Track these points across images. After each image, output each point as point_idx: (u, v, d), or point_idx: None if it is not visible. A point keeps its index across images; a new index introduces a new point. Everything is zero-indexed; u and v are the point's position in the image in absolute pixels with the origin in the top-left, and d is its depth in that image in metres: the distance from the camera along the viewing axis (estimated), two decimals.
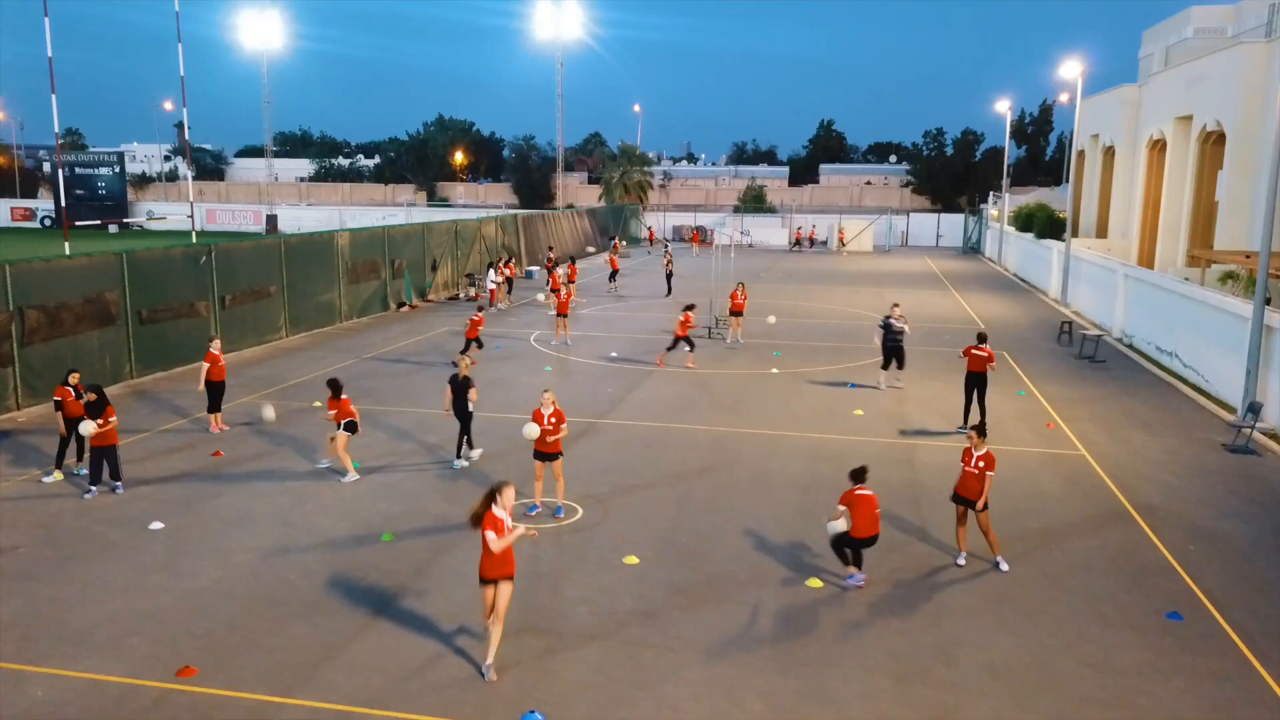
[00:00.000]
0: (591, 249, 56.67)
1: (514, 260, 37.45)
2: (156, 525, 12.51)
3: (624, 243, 59.62)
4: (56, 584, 10.73)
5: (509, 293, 35.70)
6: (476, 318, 23.79)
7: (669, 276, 39.00)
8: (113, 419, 13.62)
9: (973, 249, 67.57)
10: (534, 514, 13.12)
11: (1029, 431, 17.94)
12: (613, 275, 41.19)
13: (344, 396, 14.71)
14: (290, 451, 16.06)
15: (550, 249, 33.03)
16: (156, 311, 21.87)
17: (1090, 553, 12.08)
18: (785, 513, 13.35)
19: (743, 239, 70.53)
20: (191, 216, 39.94)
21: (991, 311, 34.51)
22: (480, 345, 23.79)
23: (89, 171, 79.03)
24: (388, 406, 19.19)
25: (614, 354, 25.15)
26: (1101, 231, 45.05)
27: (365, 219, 79.29)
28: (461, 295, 36.80)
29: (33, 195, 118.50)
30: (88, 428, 13.32)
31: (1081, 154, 48.16)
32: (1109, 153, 43.75)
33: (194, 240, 35.01)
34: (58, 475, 14.44)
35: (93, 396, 13.65)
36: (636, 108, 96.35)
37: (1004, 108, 58.74)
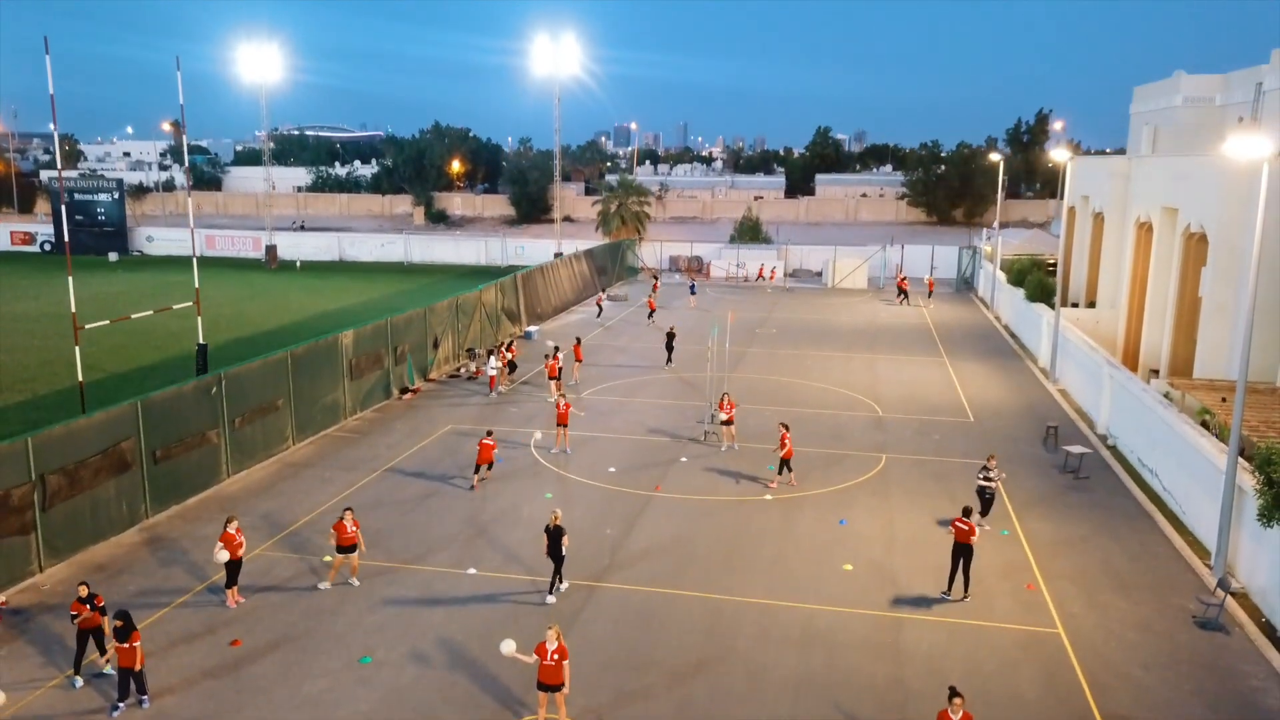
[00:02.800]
0: (608, 294, 57.06)
1: (512, 344, 38.08)
2: None
3: (660, 281, 61.07)
4: None
5: (511, 373, 36.42)
6: (489, 442, 24.63)
7: (670, 340, 39.66)
8: (137, 643, 14.38)
9: (966, 282, 68.32)
10: None
11: (1010, 598, 18.74)
12: (650, 314, 49.88)
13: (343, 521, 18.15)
14: (301, 634, 16.82)
15: (557, 350, 33.72)
16: (170, 449, 22.61)
17: None
18: None
19: (738, 270, 71.32)
20: (192, 244, 39.69)
21: (983, 395, 35.27)
22: (490, 467, 24.84)
23: (88, 198, 79.35)
24: (395, 562, 19.95)
25: (612, 469, 25.92)
26: (1091, 293, 45.80)
27: (364, 245, 79.84)
28: (463, 372, 37.51)
29: (30, 208, 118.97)
30: (109, 667, 14.19)
31: (1072, 210, 48.84)
32: (1099, 219, 44.44)
33: (195, 267, 35.67)
34: (80, 681, 15.24)
35: (119, 623, 14.40)
36: (633, 125, 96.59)
37: (996, 157, 59.34)
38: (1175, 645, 17.06)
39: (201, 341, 34.42)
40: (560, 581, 18.58)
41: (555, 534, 18.25)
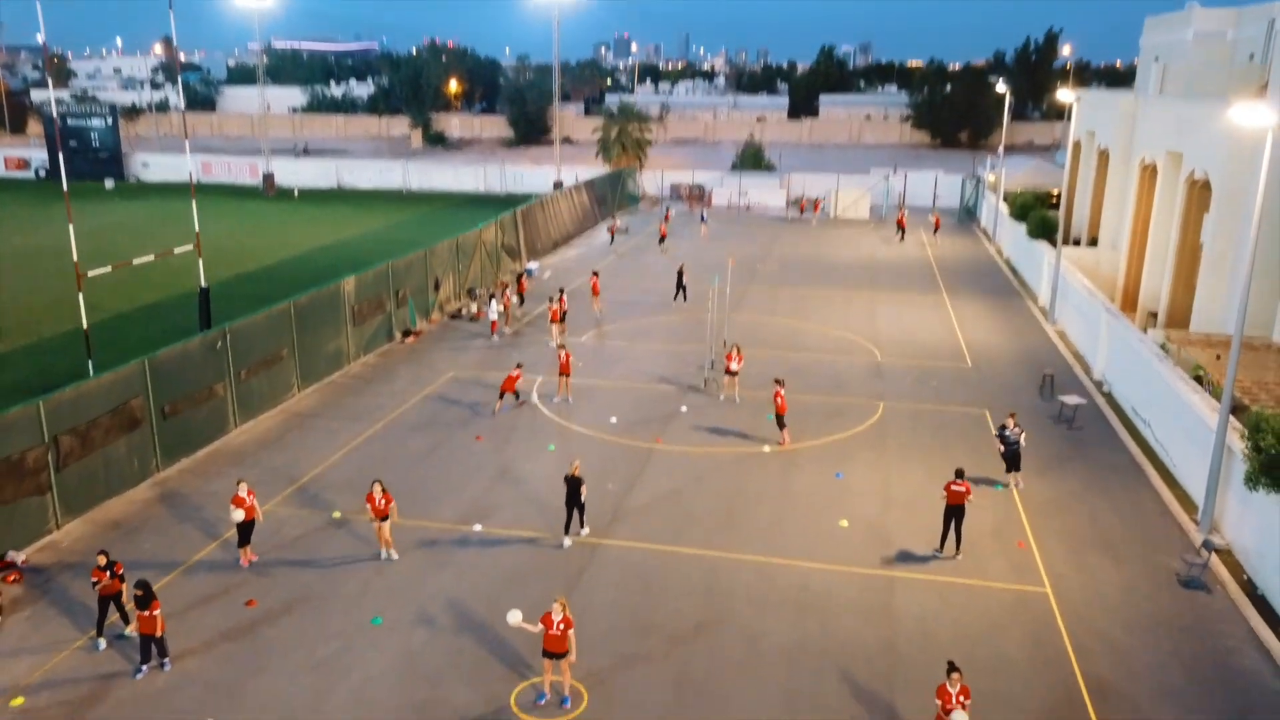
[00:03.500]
0: (616, 224, 56.86)
1: (521, 279, 38.27)
2: None
3: (671, 211, 62.34)
4: None
5: (521, 304, 37.93)
6: (515, 373, 26.54)
7: (680, 278, 39.92)
8: (158, 611, 14.91)
9: (969, 212, 67.97)
10: (542, 703, 14.57)
11: (1001, 558, 19.29)
12: (661, 240, 52.49)
13: (372, 494, 18.15)
14: (314, 595, 17.40)
15: (562, 292, 33.92)
16: (178, 404, 22.96)
17: None
18: (771, 701, 14.77)
19: (740, 201, 70.82)
20: (191, 185, 39.33)
21: (981, 338, 35.51)
22: (517, 396, 26.79)
23: (82, 123, 78.33)
24: (403, 519, 20.43)
25: (614, 420, 26.32)
26: (1094, 230, 45.67)
27: (363, 172, 79.10)
28: (464, 313, 37.69)
29: (22, 128, 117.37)
30: (130, 630, 14.72)
31: (1078, 145, 48.37)
32: (1104, 156, 44.06)
33: (191, 184, 35.74)
34: (103, 642, 15.85)
35: (140, 592, 14.92)
36: (634, 45, 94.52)
37: (1002, 88, 58.45)
38: (1158, 606, 17.66)
39: (203, 285, 34.47)
40: (582, 527, 19.70)
41: (574, 483, 19.16)
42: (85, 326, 29.57)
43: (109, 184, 75.82)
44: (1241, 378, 23.11)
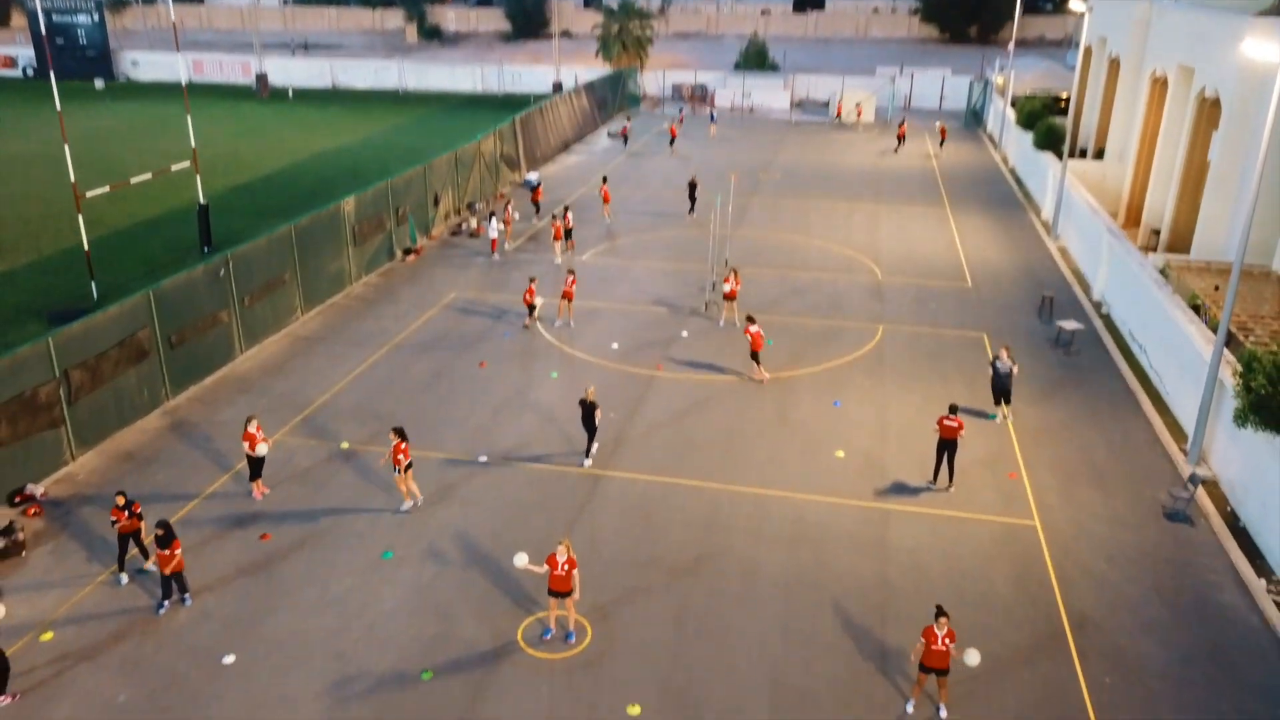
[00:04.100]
0: (616, 127, 56.25)
1: (508, 203, 37.94)
2: (228, 659, 14.65)
3: (685, 113, 62.45)
4: None
5: (538, 212, 38.93)
6: (530, 291, 27.23)
7: (692, 190, 39.87)
8: (178, 550, 15.46)
9: (976, 116, 66.82)
10: (548, 638, 15.26)
11: (992, 489, 19.81)
12: (672, 141, 53.02)
13: (402, 442, 17.94)
14: (325, 529, 17.99)
15: (566, 209, 33.95)
16: (184, 333, 23.19)
17: (1021, 695, 14.27)
18: (767, 633, 15.44)
19: (744, 103, 69.53)
20: (185, 96, 38.47)
21: (982, 255, 35.49)
22: (532, 313, 27.43)
23: (67, 19, 76.23)
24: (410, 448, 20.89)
25: (615, 345, 26.59)
26: (1101, 140, 45.06)
27: (358, 72, 77.46)
28: (464, 228, 37.54)
29: (5, 21, 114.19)
30: (150, 564, 15.26)
31: (1089, 51, 47.25)
32: (1114, 65, 43.12)
33: (185, 95, 35.42)
34: (125, 577, 16.48)
35: (160, 531, 15.43)
36: None
37: None
38: (1142, 539, 18.24)
39: (202, 201, 34.28)
40: (587, 455, 20.47)
41: (589, 408, 19.89)
42: (86, 249, 29.62)
43: (99, 84, 74.26)
44: (1238, 310, 23.27)
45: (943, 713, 13.89)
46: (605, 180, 40.72)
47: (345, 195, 30.83)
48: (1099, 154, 44.83)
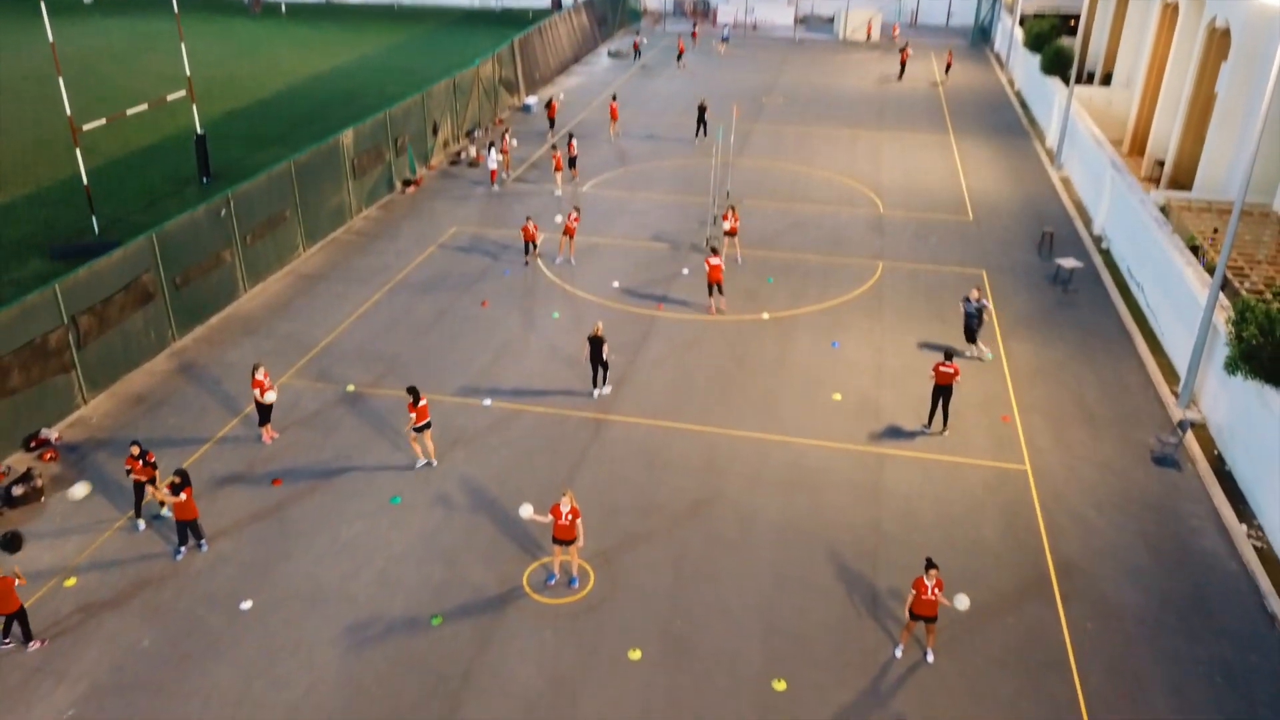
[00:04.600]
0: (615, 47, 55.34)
1: (507, 132, 37.52)
2: (246, 605, 15.27)
3: (697, 29, 62.55)
4: (184, 697, 13.63)
5: (552, 127, 39.15)
6: (531, 227, 27.23)
7: (702, 114, 39.70)
8: (188, 497, 15.93)
9: (983, 33, 65.52)
10: (552, 583, 15.86)
11: (985, 433, 20.24)
12: (679, 57, 54.17)
13: (423, 403, 17.93)
14: (335, 474, 18.48)
15: (571, 138, 33.86)
16: (188, 274, 23.37)
17: (1005, 641, 14.90)
18: (762, 579, 16.03)
19: (748, 18, 68.05)
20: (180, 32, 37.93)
21: (985, 186, 35.35)
22: (529, 251, 27.50)
23: None
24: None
25: (616, 284, 26.76)
26: (1110, 64, 44.37)
27: None
28: (463, 157, 37.30)
29: None
30: (165, 509, 15.75)
31: None
32: None
33: (181, 38, 34.80)
34: (142, 523, 17.02)
35: (176, 479, 15.89)
36: None
37: None
38: (1129, 484, 18.74)
39: (199, 132, 34.00)
40: (605, 384, 21.24)
41: (597, 343, 20.60)
42: (86, 183, 29.56)
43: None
44: (1234, 254, 23.37)
45: (929, 657, 14.54)
46: (615, 98, 41.05)
47: (342, 121, 30.75)
48: (1106, 79, 44.20)
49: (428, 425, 18.35)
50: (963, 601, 14.11)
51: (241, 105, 44.72)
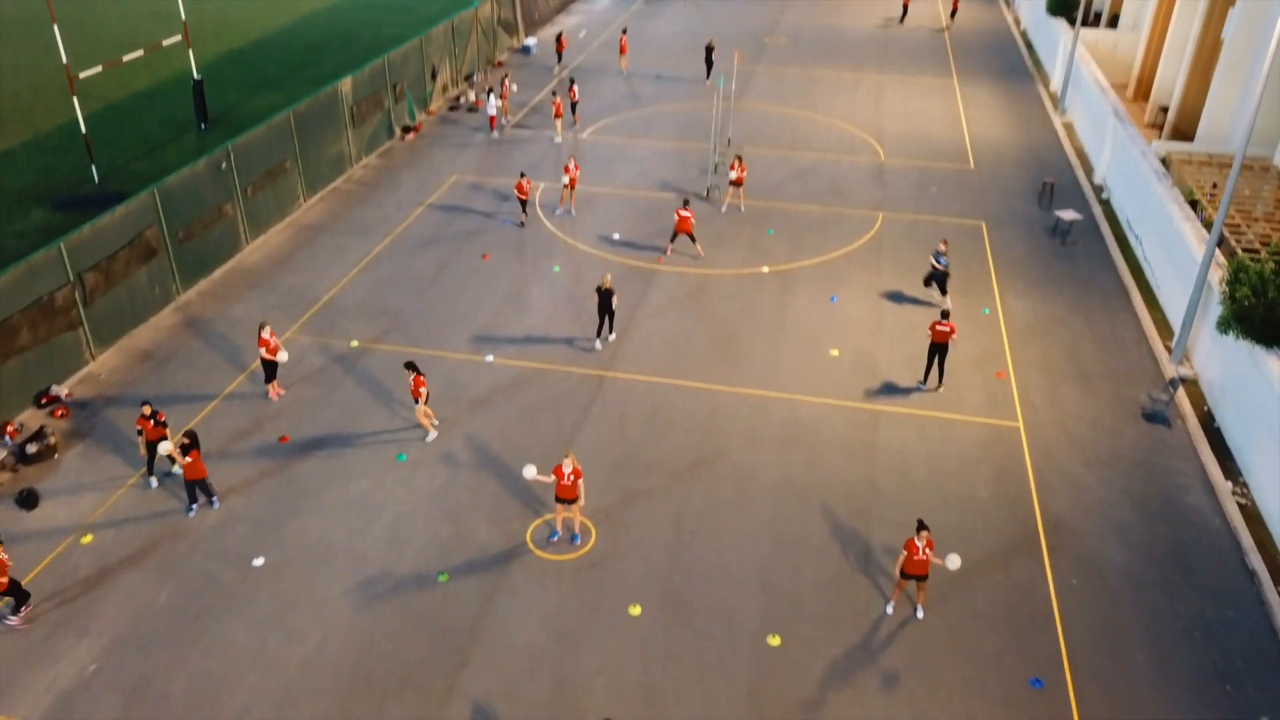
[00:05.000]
0: None
1: (507, 77, 37.03)
2: (258, 562, 15.77)
3: None
4: (201, 651, 14.19)
5: (561, 61, 39.23)
6: (520, 187, 26.72)
7: (709, 55, 39.58)
8: (197, 458, 16.30)
9: None
10: (555, 540, 16.35)
11: (980, 390, 20.57)
12: None
13: (420, 375, 18.02)
14: (341, 431, 18.86)
15: (573, 83, 33.55)
16: (190, 228, 23.49)
17: (992, 596, 15.42)
18: (759, 537, 16.50)
19: None
20: None
21: (987, 133, 35.17)
22: (524, 208, 27.12)
23: None
24: (418, 348, 21.59)
25: (616, 236, 26.87)
26: (1116, 7, 43.70)
27: None
28: (463, 102, 37.04)
29: None
30: (173, 464, 16.15)
31: None
32: None
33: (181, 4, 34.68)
34: (154, 481, 17.45)
35: (186, 441, 16.27)
36: None
37: None
38: (1119, 441, 19.14)
39: (196, 78, 33.72)
40: (610, 332, 21.70)
41: (606, 295, 21.04)
42: (84, 131, 29.46)
43: None
44: (1231, 211, 23.43)
45: (919, 613, 15.08)
46: (625, 32, 41.09)
47: (340, 62, 30.66)
48: (1113, 20, 43.57)
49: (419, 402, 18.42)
50: (954, 561, 14.59)
51: (237, 46, 44.18)
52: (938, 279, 23.44)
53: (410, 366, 18.33)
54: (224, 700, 13.45)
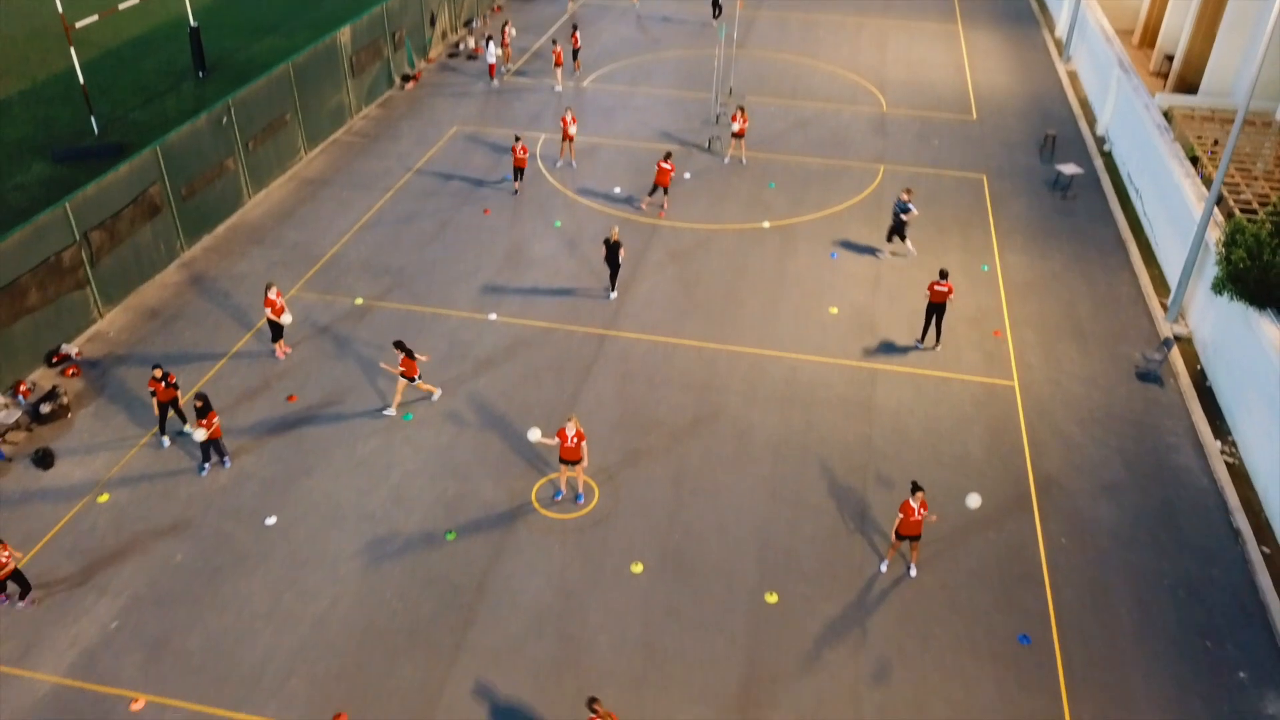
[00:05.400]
0: None
1: (507, 23, 36.51)
2: (270, 521, 16.21)
3: None
4: (218, 609, 14.69)
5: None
6: (520, 151, 25.86)
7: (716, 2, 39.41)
8: (216, 420, 16.68)
9: None
10: (559, 499, 16.78)
11: (976, 349, 20.85)
12: None
13: (407, 355, 17.90)
14: (347, 390, 19.18)
15: (575, 29, 33.13)
16: (193, 184, 23.56)
17: (984, 555, 15.88)
18: (757, 495, 16.92)
19: None
20: None
21: (990, 81, 34.92)
22: (519, 178, 26.36)
23: None
24: (421, 306, 21.81)
25: (618, 189, 26.90)
26: None
27: None
28: (462, 48, 36.70)
29: None
30: (199, 434, 16.46)
31: None
32: None
33: None
34: (167, 440, 17.82)
35: (199, 403, 16.58)
36: None
37: None
38: (1113, 400, 19.48)
39: (193, 24, 33.37)
40: (613, 291, 22.09)
41: (613, 248, 21.40)
42: (83, 82, 29.30)
43: None
44: (1231, 170, 23.45)
45: (912, 571, 15.56)
46: None
47: (335, 4, 30.10)
48: None
49: (417, 379, 18.33)
50: (974, 500, 15.06)
51: None
52: (898, 228, 23.58)
53: (399, 346, 18.06)
54: (241, 656, 13.98)
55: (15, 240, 18.69)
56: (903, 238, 23.79)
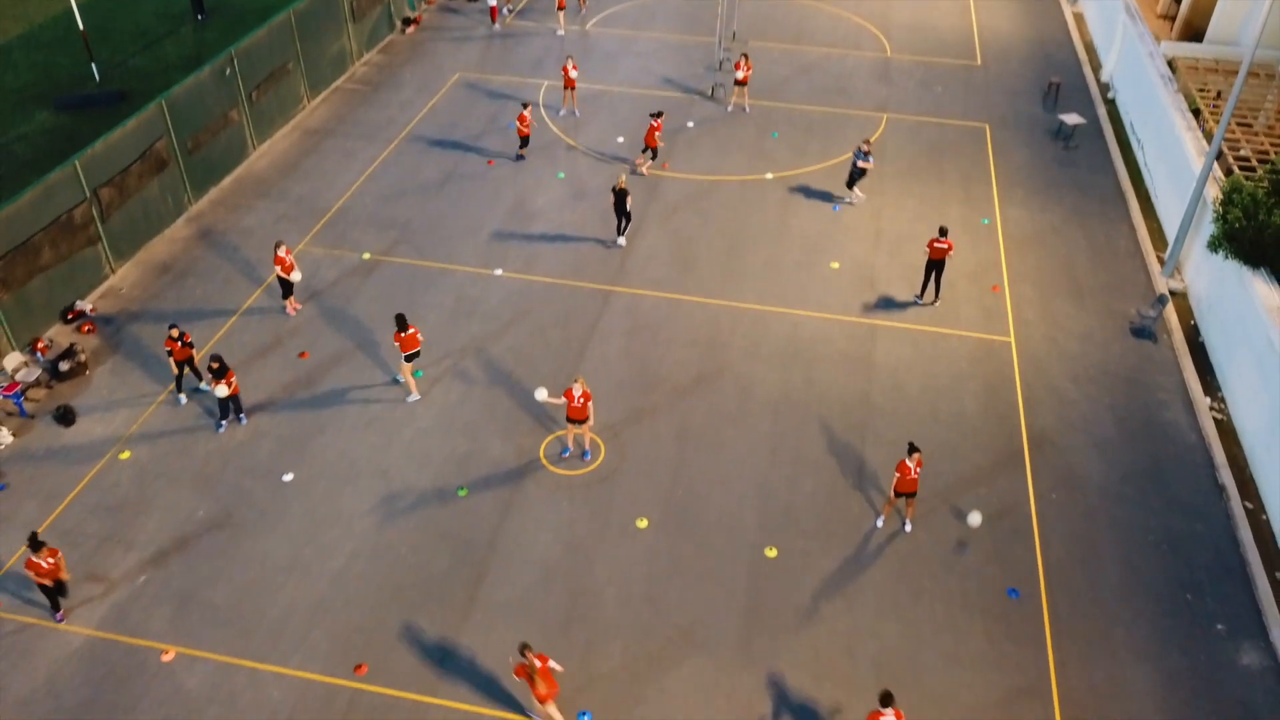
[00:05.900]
0: None
1: None
2: (288, 478, 16.77)
3: None
4: (241, 563, 15.32)
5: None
6: (523, 119, 25.47)
7: None
8: (233, 379, 17.12)
9: None
10: (566, 456, 17.32)
11: (974, 304, 21.20)
12: None
13: (410, 331, 17.83)
14: (356, 348, 19.60)
15: None
16: (198, 137, 23.66)
17: (978, 510, 16.47)
18: (758, 451, 17.44)
19: None
20: None
21: (995, 25, 34.64)
22: (525, 145, 25.92)
23: None
24: (427, 261, 22.11)
25: (621, 139, 26.96)
26: None
27: None
28: None
29: None
30: (221, 391, 16.95)
31: None
32: None
33: None
34: (184, 398, 18.30)
35: (215, 365, 17.00)
36: None
37: None
38: (1107, 356, 19.90)
39: None
40: (619, 235, 22.55)
41: (621, 195, 21.82)
42: (83, 28, 29.14)
43: None
44: (1231, 125, 23.49)
45: (907, 527, 16.16)
46: None
47: None
48: None
49: (415, 355, 17.99)
50: (975, 518, 15.57)
51: None
52: (855, 176, 23.84)
53: (399, 321, 17.69)
54: (265, 610, 14.64)
55: (27, 199, 18.93)
56: (850, 185, 23.99)
